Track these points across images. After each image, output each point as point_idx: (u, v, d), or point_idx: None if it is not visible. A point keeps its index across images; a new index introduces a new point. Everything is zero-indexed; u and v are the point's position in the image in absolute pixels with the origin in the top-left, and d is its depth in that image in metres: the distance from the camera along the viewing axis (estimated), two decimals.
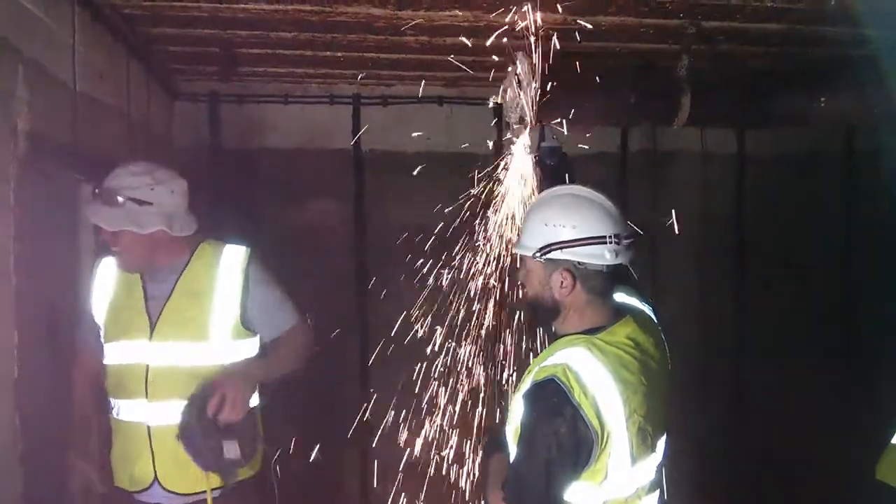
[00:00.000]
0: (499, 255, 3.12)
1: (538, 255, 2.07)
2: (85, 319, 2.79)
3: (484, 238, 3.13)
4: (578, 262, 2.04)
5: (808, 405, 4.79)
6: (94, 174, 2.98)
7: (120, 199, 2.58)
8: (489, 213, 3.09)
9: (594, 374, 1.94)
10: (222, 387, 2.56)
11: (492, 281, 3.19)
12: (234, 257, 2.73)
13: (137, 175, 2.63)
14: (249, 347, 2.76)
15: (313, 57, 3.88)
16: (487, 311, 3.30)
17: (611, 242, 2.04)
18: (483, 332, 3.36)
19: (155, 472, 2.64)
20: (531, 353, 2.93)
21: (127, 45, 3.42)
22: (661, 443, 2.14)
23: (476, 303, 3.28)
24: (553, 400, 1.91)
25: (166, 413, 2.62)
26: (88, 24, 2.93)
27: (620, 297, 2.22)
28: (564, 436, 1.89)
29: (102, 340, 2.73)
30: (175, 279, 2.69)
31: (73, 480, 2.73)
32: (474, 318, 3.31)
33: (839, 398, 4.76)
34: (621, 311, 2.15)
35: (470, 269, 3.24)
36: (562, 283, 2.05)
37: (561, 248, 2.05)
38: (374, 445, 4.64)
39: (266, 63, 4.07)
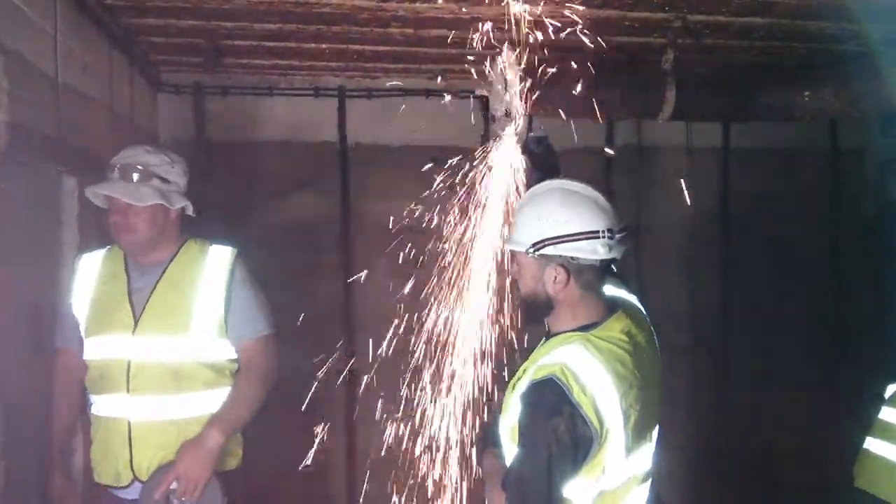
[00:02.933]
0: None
1: (531, 250, 2.06)
2: (65, 318, 2.77)
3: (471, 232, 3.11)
4: (572, 257, 2.04)
5: (794, 402, 4.82)
6: (77, 166, 2.97)
7: (149, 175, 2.61)
8: (477, 207, 3.07)
9: (592, 372, 1.94)
10: (178, 465, 2.54)
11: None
12: (220, 256, 2.75)
13: (155, 153, 2.66)
14: (229, 347, 2.75)
15: (298, 49, 3.87)
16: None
17: (604, 237, 2.04)
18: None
19: (132, 467, 2.62)
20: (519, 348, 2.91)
21: (110, 36, 3.39)
22: (655, 433, 2.16)
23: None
24: (552, 399, 1.91)
25: (148, 408, 2.61)
26: (71, 15, 2.91)
27: (609, 289, 2.22)
28: (563, 434, 1.89)
29: (83, 336, 2.71)
30: (160, 272, 2.70)
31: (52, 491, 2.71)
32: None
33: (826, 395, 4.79)
34: (613, 305, 2.15)
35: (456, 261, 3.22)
36: (555, 278, 2.04)
37: (554, 244, 2.04)
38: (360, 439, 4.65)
39: (251, 55, 4.05)
